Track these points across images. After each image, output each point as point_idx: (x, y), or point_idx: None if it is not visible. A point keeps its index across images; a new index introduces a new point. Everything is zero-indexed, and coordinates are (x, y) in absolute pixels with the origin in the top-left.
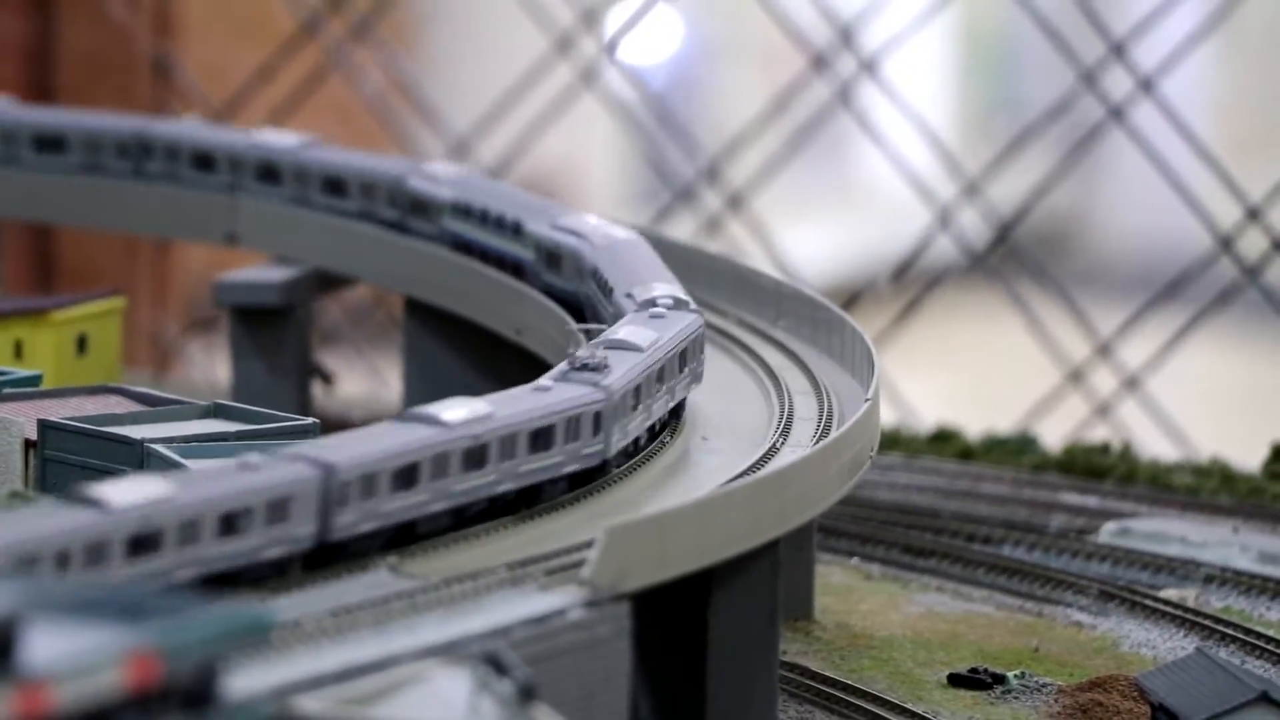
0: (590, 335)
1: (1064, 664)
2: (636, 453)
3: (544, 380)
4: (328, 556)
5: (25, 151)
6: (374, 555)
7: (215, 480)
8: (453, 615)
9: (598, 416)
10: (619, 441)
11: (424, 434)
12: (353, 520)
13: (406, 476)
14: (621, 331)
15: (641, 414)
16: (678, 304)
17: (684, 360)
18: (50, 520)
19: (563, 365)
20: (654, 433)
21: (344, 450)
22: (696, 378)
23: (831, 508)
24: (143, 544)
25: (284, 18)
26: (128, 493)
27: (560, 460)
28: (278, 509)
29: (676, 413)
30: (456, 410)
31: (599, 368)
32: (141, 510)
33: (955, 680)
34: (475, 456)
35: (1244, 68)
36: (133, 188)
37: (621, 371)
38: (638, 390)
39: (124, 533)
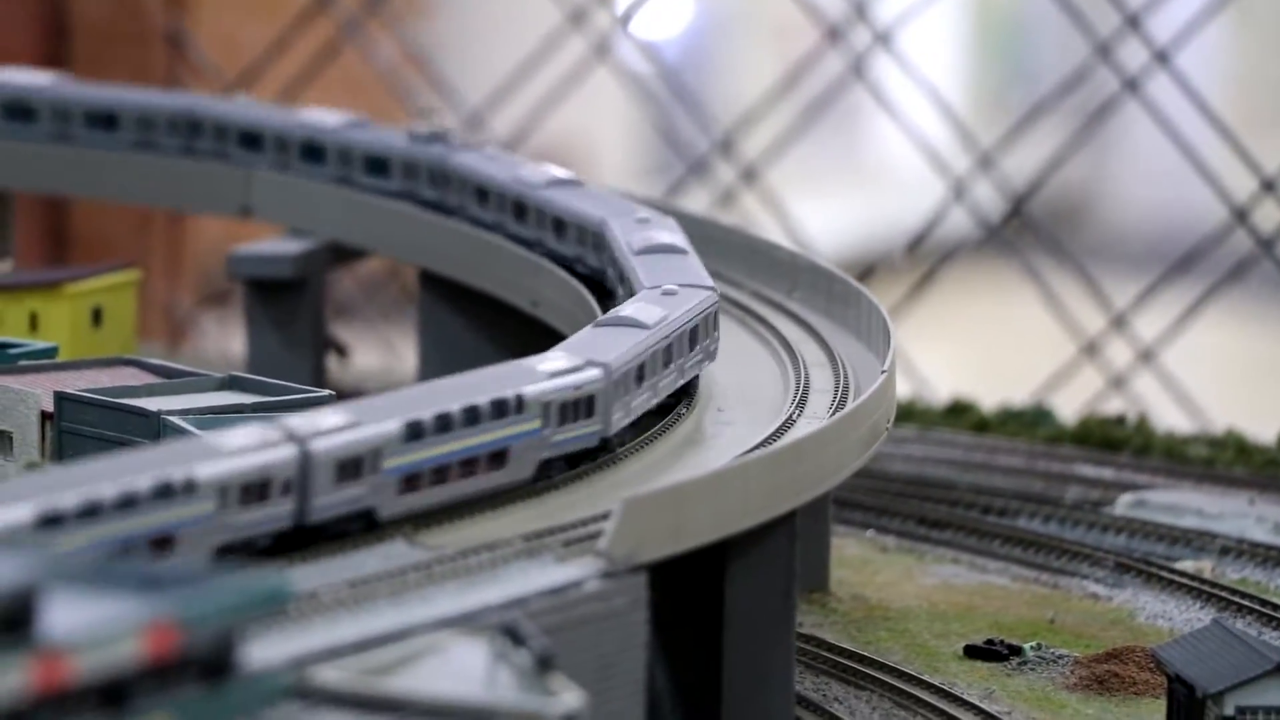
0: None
1: (1080, 635)
2: (651, 426)
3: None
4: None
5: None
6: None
7: None
8: (470, 586)
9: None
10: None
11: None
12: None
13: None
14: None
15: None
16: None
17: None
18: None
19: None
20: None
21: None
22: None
23: (847, 480)
24: None
25: None
26: None
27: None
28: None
29: (688, 388)
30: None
31: None
32: None
33: (971, 652)
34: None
35: (1259, 41)
36: (147, 161)
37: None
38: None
39: None
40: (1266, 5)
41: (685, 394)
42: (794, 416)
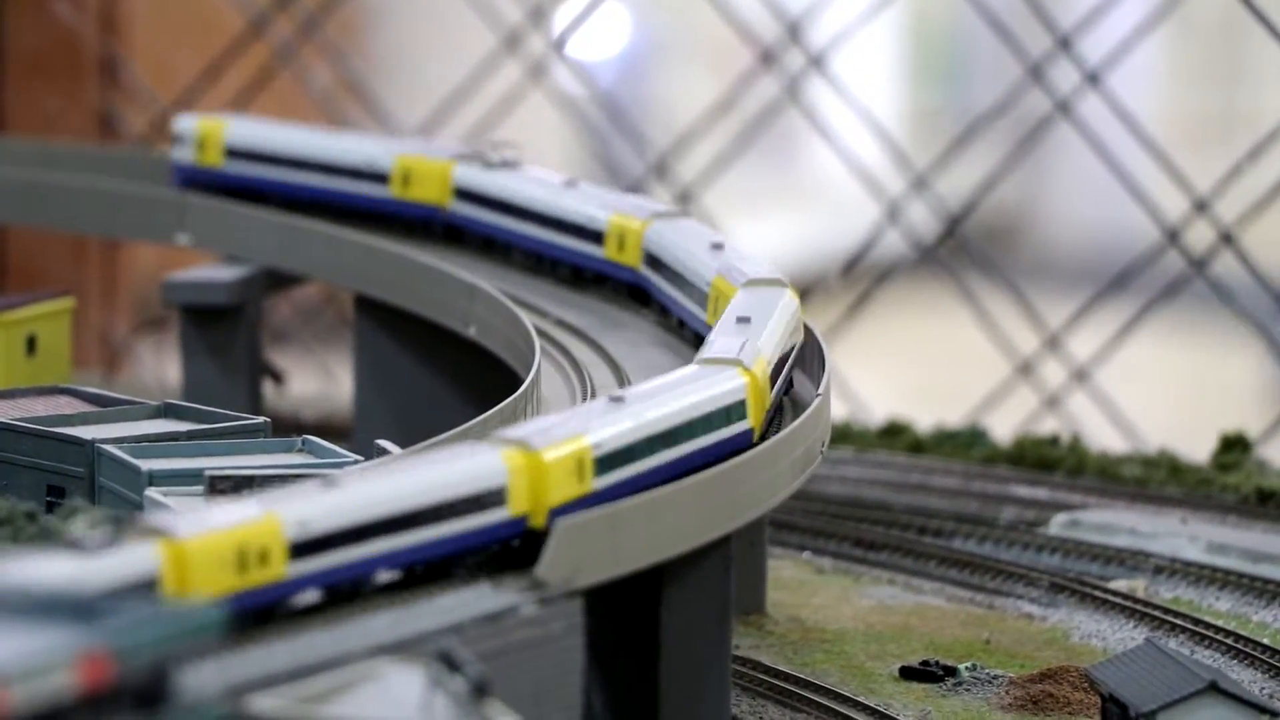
0: None
1: (1015, 655)
2: None
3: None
4: None
5: None
6: None
7: None
8: (405, 613)
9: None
10: None
11: None
12: None
13: None
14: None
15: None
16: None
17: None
18: None
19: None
20: None
21: None
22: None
23: (783, 502)
24: None
25: (231, 16)
26: None
27: None
28: None
29: None
30: None
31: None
32: None
33: (907, 673)
34: None
35: (1191, 59)
36: (82, 189)
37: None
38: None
39: None
40: (1198, 25)
41: None
42: None
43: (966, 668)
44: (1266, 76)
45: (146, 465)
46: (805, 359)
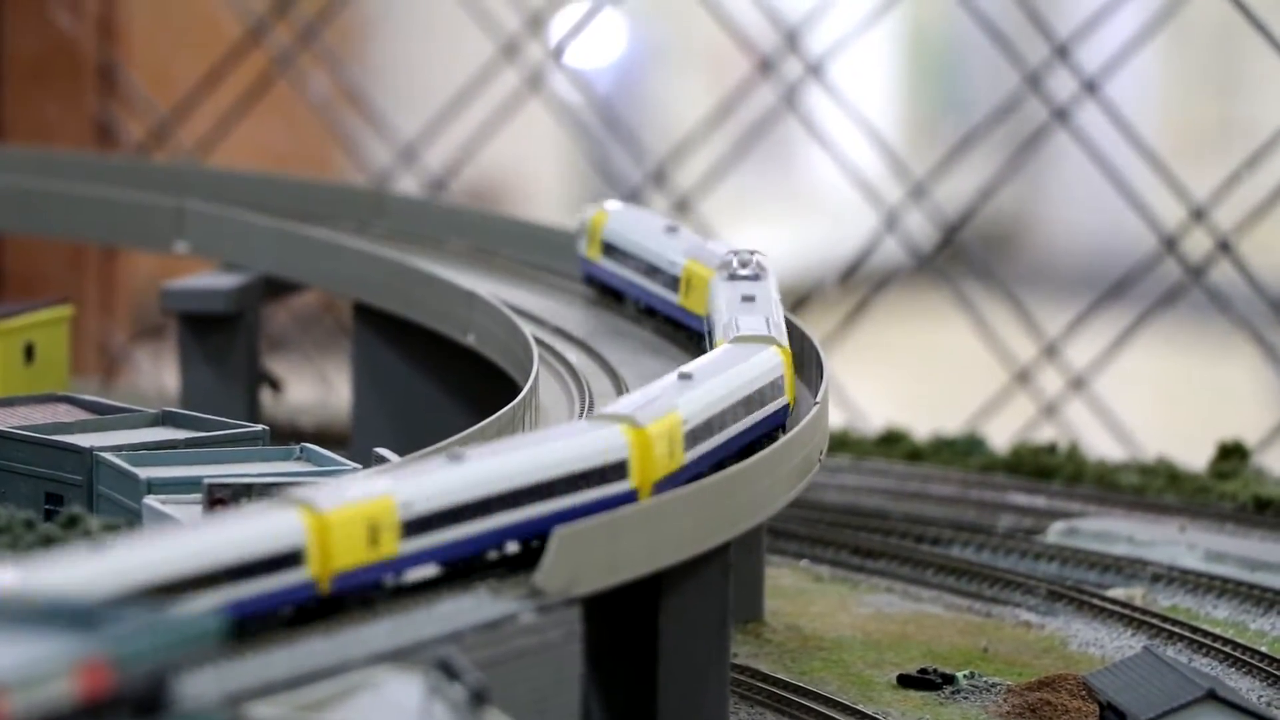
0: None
1: (1012, 664)
2: None
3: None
4: None
5: None
6: None
7: None
8: (404, 621)
9: None
10: None
11: None
12: None
13: None
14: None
15: None
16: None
17: None
18: None
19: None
20: None
21: None
22: None
23: (781, 510)
24: None
25: (230, 24)
26: None
27: None
28: None
29: None
30: None
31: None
32: None
33: (905, 681)
34: None
35: (1188, 68)
36: (81, 197)
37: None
38: None
39: None
40: (1195, 33)
41: None
42: None
43: (964, 676)
44: (1263, 85)
45: (145, 473)
46: (802, 366)
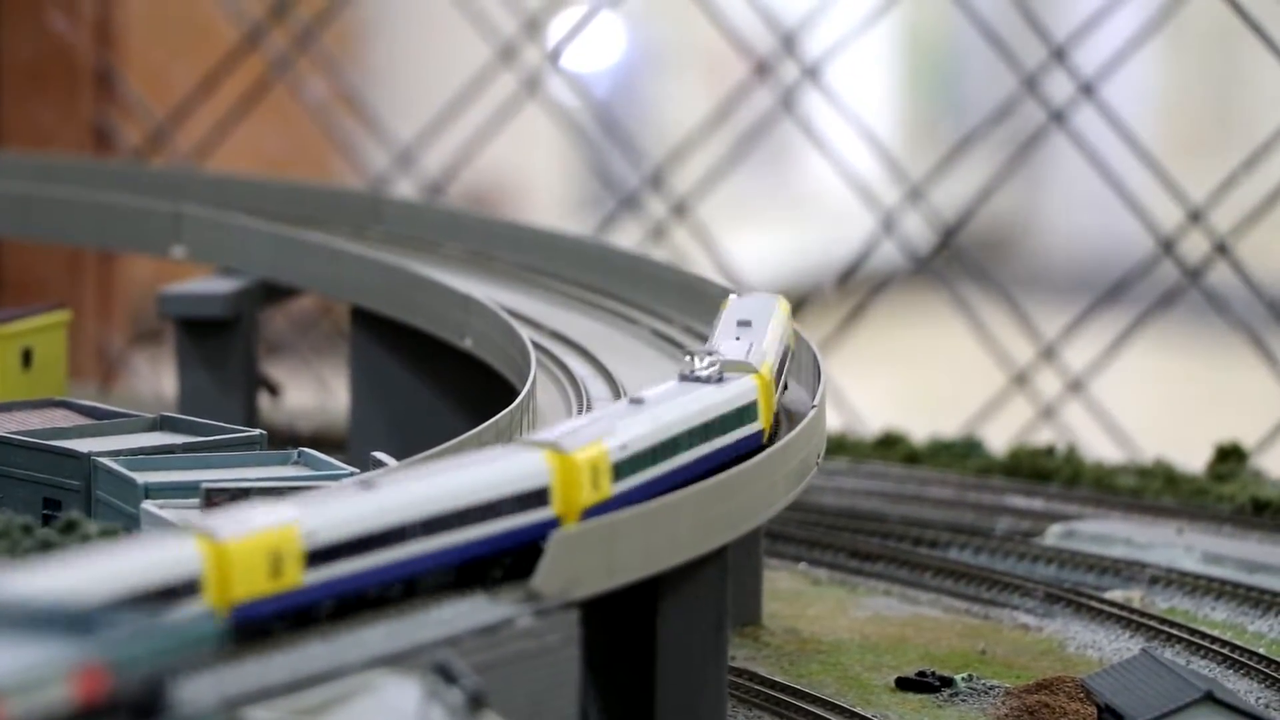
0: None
1: (1011, 666)
2: None
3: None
4: None
5: None
6: None
7: None
8: (402, 624)
9: None
10: None
11: None
12: None
13: None
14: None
15: None
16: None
17: None
18: None
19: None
20: None
21: None
22: None
23: (779, 513)
24: None
25: (226, 28)
26: None
27: None
28: None
29: None
30: None
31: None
32: None
33: (903, 684)
34: None
35: (1186, 70)
36: (78, 202)
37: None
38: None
39: None
40: (1193, 35)
41: None
42: None
43: (963, 678)
44: (1261, 86)
45: (142, 478)
46: (800, 370)
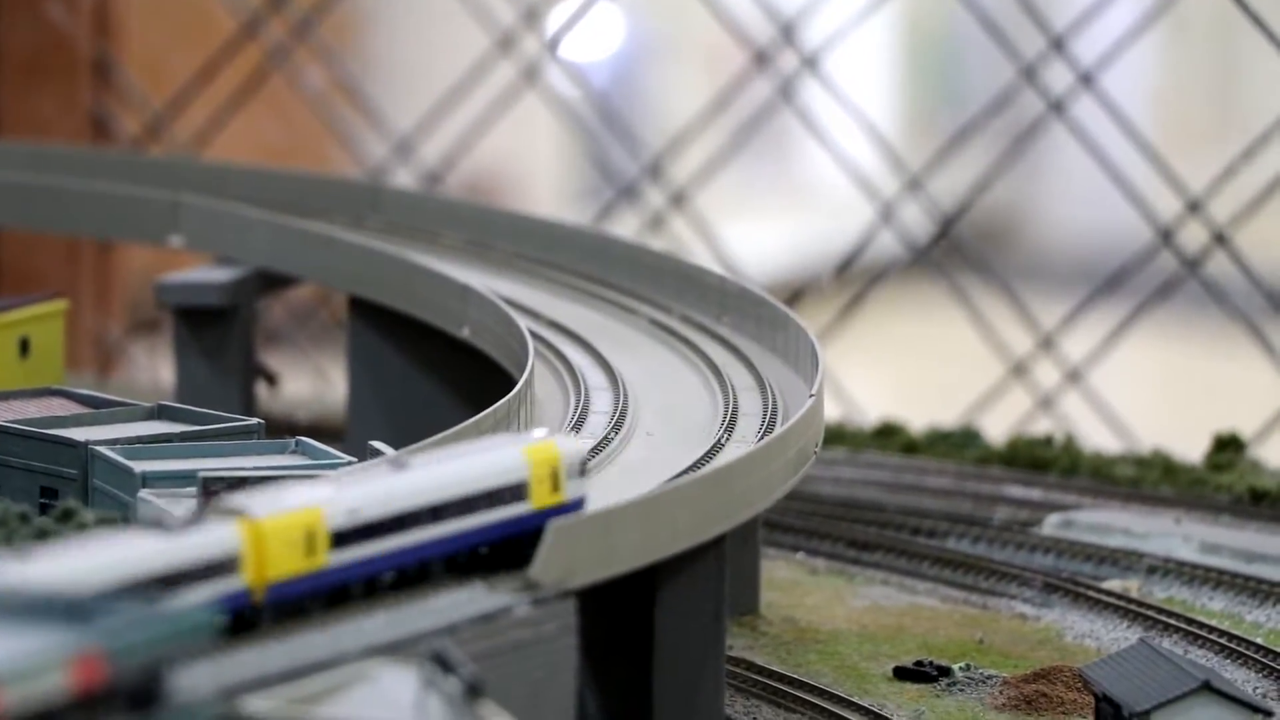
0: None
1: (1008, 656)
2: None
3: None
4: None
5: None
6: None
7: None
8: (399, 614)
9: None
10: None
11: None
12: None
13: None
14: None
15: None
16: None
17: None
18: None
19: None
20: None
21: None
22: None
23: (776, 503)
24: None
25: (224, 18)
26: None
27: None
28: None
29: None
30: None
31: None
32: None
33: (901, 673)
34: None
35: (1185, 60)
36: (76, 191)
37: None
38: None
39: None
40: (1192, 25)
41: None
42: (723, 440)
43: (960, 668)
44: (1260, 77)
45: (140, 467)
46: (799, 360)
